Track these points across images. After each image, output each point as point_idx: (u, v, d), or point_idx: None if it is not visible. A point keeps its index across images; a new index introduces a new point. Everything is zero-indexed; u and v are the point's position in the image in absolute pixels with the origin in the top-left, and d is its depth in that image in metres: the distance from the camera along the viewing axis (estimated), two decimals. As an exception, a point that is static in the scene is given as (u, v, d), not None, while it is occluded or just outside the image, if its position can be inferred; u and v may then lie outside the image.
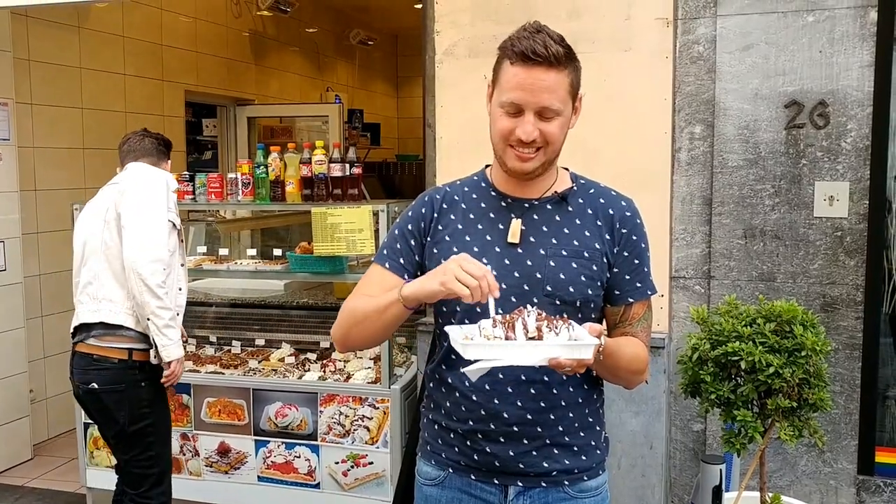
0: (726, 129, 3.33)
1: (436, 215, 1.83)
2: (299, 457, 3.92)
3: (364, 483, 3.84)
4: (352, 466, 3.84)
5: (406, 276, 1.78)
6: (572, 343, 1.51)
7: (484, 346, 1.50)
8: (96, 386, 3.10)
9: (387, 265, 1.81)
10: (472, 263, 1.55)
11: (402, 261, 1.81)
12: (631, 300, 1.79)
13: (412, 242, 1.82)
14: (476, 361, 1.53)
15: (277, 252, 4.26)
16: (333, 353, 4.22)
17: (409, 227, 1.84)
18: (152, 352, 3.11)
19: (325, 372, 4.03)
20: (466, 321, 1.70)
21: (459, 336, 1.55)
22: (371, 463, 3.82)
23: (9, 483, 4.64)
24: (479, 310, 1.61)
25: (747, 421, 2.46)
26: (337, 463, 3.86)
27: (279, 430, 3.93)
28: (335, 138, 7.63)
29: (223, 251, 4.39)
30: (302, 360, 4.23)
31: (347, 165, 3.91)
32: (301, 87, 8.75)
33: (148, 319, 3.04)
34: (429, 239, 1.81)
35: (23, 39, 5.01)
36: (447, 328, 1.66)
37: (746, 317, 2.52)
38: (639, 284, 1.79)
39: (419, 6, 4.06)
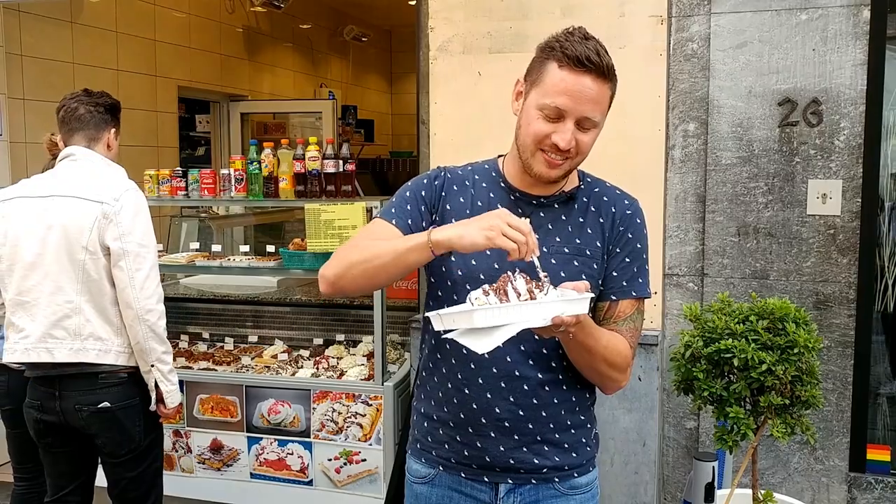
0: (720, 126, 3.34)
1: (444, 194, 1.80)
2: (292, 454, 3.91)
3: (356, 480, 3.84)
4: (344, 463, 3.84)
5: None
6: (571, 298, 1.49)
7: (493, 310, 1.46)
8: (109, 404, 2.74)
9: (393, 221, 1.75)
10: (516, 220, 1.52)
11: (409, 221, 1.76)
12: (614, 297, 1.76)
13: (422, 208, 1.78)
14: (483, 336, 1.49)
15: (270, 248, 4.26)
16: (326, 350, 4.22)
17: (423, 192, 1.80)
18: (153, 396, 2.83)
19: (317, 369, 4.03)
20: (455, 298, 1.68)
21: (465, 306, 1.51)
22: (364, 460, 3.81)
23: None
24: (469, 289, 1.58)
25: (740, 418, 2.46)
26: (330, 460, 3.86)
27: (272, 427, 3.92)
28: (329, 134, 7.62)
29: (216, 247, 4.38)
30: (295, 356, 4.22)
31: (341, 162, 3.90)
32: (295, 83, 8.73)
33: (152, 366, 2.77)
34: (436, 216, 1.79)
35: (15, 34, 4.98)
36: (434, 313, 1.57)
37: (739, 314, 2.52)
38: (624, 283, 1.76)
39: (413, 2, 4.06)
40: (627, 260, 1.78)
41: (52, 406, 2.75)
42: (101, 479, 3.04)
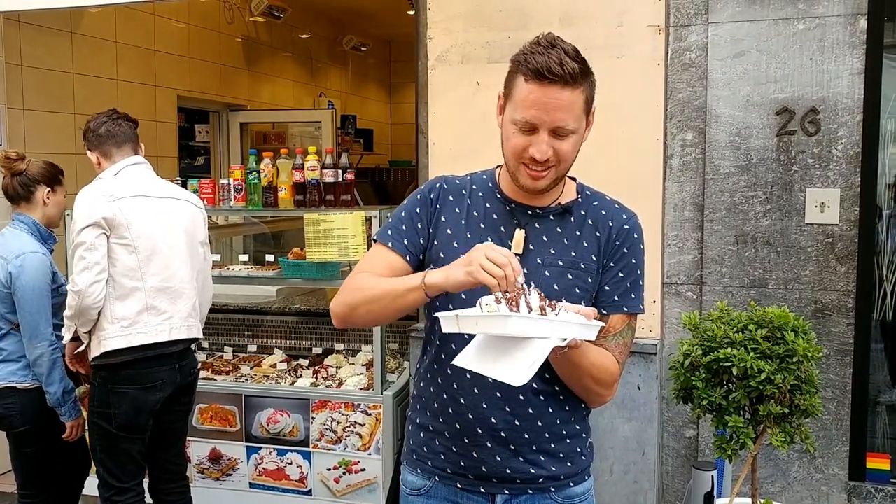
0: (718, 135, 3.34)
1: (439, 206, 1.81)
2: (291, 463, 3.90)
3: (356, 489, 3.83)
4: (343, 473, 3.83)
5: (408, 258, 1.77)
6: (585, 323, 1.49)
7: (530, 320, 1.44)
8: (198, 366, 3.38)
9: (390, 245, 1.78)
10: (496, 251, 1.52)
11: (406, 242, 1.78)
12: (605, 312, 1.75)
13: (419, 225, 1.80)
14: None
15: (270, 258, 4.25)
16: (325, 360, 4.21)
17: (418, 210, 1.82)
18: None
19: (317, 378, 4.03)
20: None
21: (474, 311, 1.50)
22: (363, 469, 3.81)
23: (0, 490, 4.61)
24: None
25: (739, 427, 2.46)
26: (329, 469, 3.85)
27: (271, 437, 3.92)
28: (328, 144, 7.62)
29: (215, 257, 4.37)
30: (294, 366, 4.22)
31: (340, 171, 3.91)
32: (294, 93, 8.74)
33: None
34: (431, 229, 1.80)
35: (15, 44, 4.99)
36: (452, 313, 1.57)
37: (738, 323, 2.52)
38: (616, 298, 1.76)
39: (412, 13, 4.07)
40: (621, 275, 1.77)
41: (173, 378, 3.14)
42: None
